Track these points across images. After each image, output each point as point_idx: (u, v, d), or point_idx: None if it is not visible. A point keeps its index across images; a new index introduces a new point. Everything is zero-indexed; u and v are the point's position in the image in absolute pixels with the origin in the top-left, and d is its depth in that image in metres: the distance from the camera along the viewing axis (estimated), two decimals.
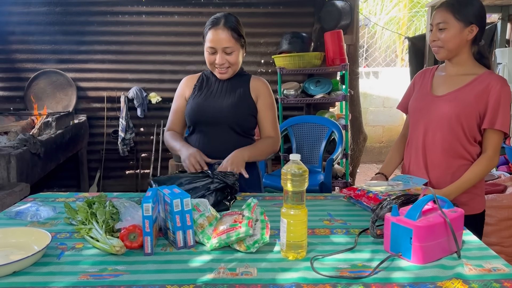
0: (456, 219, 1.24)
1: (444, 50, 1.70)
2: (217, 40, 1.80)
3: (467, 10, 1.66)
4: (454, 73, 1.75)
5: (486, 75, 1.69)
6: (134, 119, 4.34)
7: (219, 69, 1.87)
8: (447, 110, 1.70)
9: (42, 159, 3.10)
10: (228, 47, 1.81)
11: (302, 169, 1.20)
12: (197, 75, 2.01)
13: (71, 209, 1.47)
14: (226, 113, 1.88)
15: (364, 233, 1.39)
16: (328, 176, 3.25)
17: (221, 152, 1.85)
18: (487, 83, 1.66)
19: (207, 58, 1.87)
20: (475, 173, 1.67)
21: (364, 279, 1.09)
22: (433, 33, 1.71)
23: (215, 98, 1.91)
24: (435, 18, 1.70)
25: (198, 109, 1.90)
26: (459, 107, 1.68)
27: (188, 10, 4.24)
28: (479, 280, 1.09)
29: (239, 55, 1.87)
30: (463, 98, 1.68)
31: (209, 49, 1.83)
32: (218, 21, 1.81)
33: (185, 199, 1.25)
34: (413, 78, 1.93)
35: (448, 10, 1.67)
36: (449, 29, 1.66)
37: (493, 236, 2.38)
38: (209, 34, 1.82)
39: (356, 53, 4.40)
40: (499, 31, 3.73)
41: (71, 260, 1.20)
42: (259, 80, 1.98)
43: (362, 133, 4.46)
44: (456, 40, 1.67)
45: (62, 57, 4.28)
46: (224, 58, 1.83)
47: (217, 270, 1.14)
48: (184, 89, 1.99)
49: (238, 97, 1.91)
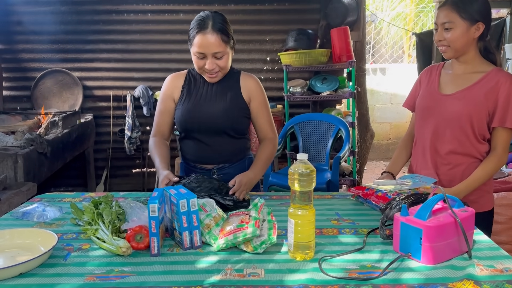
0: (467, 219, 1.22)
1: (451, 50, 1.67)
2: (206, 46, 1.69)
3: (472, 8, 1.62)
4: (462, 71, 1.72)
5: (494, 73, 1.66)
6: (140, 118, 4.34)
7: (209, 74, 1.77)
8: (457, 109, 1.67)
9: (49, 159, 3.10)
10: (218, 52, 1.70)
11: (309, 169, 1.18)
12: (183, 74, 1.89)
13: (78, 210, 1.47)
14: (219, 118, 1.80)
15: (373, 233, 1.37)
16: (335, 174, 3.22)
17: (215, 157, 1.83)
18: (496, 80, 1.64)
19: (195, 63, 1.76)
20: (484, 171, 1.65)
21: (373, 280, 1.08)
22: (439, 33, 1.67)
23: (206, 103, 1.82)
24: (439, 18, 1.66)
25: (189, 116, 1.82)
26: (469, 106, 1.65)
27: (194, 8, 4.22)
28: (491, 281, 1.07)
29: (229, 57, 1.78)
30: (472, 97, 1.66)
31: (197, 54, 1.72)
32: (205, 24, 1.69)
33: (191, 199, 1.24)
34: (419, 76, 1.90)
35: (453, 9, 1.63)
36: (455, 29, 1.63)
37: (503, 234, 2.35)
38: (197, 38, 1.69)
39: (363, 49, 4.37)
40: (508, 26, 3.67)
41: (78, 262, 1.20)
42: (249, 78, 1.88)
43: (369, 130, 4.43)
44: (463, 39, 1.64)
45: (68, 56, 4.29)
46: (214, 63, 1.72)
47: (224, 271, 1.13)
48: (171, 90, 1.87)
49: (230, 100, 1.82)
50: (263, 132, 1.90)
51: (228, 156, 1.87)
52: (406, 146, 1.91)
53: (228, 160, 1.86)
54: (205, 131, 1.83)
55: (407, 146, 1.91)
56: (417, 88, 1.88)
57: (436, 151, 1.73)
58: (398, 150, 1.93)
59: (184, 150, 1.94)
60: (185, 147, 1.92)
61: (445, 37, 1.65)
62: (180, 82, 1.88)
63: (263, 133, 1.90)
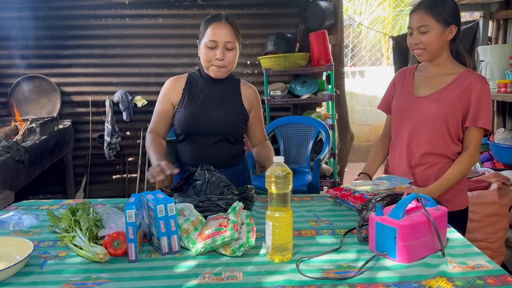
0: (440, 217, 1.25)
1: (427, 52, 1.70)
2: (220, 34, 1.74)
3: (445, 11, 1.66)
4: (435, 73, 1.76)
5: (466, 74, 1.71)
6: (120, 123, 4.30)
7: (217, 66, 1.77)
8: (433, 111, 1.71)
9: (27, 166, 3.05)
10: (230, 42, 1.75)
11: (286, 171, 1.20)
12: (183, 77, 1.91)
13: (55, 217, 1.45)
14: (220, 123, 1.83)
15: (350, 233, 1.39)
16: (315, 176, 3.26)
17: (213, 161, 1.81)
18: (468, 82, 1.68)
19: (204, 54, 1.78)
20: (457, 171, 1.69)
21: (349, 279, 1.10)
22: (414, 37, 1.70)
23: (208, 106, 1.84)
24: (414, 21, 1.69)
25: (192, 119, 1.83)
26: (444, 108, 1.69)
27: (172, 12, 4.21)
28: (463, 278, 1.10)
29: (237, 55, 1.82)
30: (447, 98, 1.70)
31: (209, 44, 1.75)
32: (219, 16, 1.78)
33: (169, 204, 1.24)
34: (393, 78, 1.94)
35: (428, 12, 1.66)
36: (431, 32, 1.66)
37: (478, 232, 2.40)
38: (210, 28, 1.75)
39: (341, 53, 4.42)
40: (481, 29, 3.76)
41: (54, 269, 1.18)
42: (250, 88, 1.94)
43: (349, 132, 4.48)
44: (438, 42, 1.68)
45: (45, 62, 4.22)
46: (224, 54, 1.76)
47: (202, 275, 1.13)
48: (170, 92, 1.88)
49: (231, 106, 1.86)
50: (259, 139, 1.98)
51: (225, 160, 1.88)
52: (381, 147, 1.95)
53: (224, 165, 1.86)
54: (206, 135, 1.85)
55: (382, 147, 1.95)
56: (391, 90, 1.92)
57: (412, 152, 1.77)
58: (373, 152, 1.96)
59: (181, 153, 1.94)
60: (182, 149, 1.92)
61: (421, 40, 1.68)
62: (181, 84, 1.89)
63: (260, 139, 1.98)
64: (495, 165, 3.20)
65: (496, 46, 3.64)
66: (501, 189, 2.49)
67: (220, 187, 1.61)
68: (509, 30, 3.68)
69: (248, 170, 2.03)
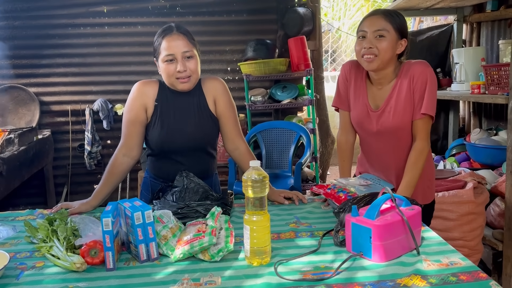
0: (414, 217, 1.28)
1: (378, 60, 1.63)
2: (175, 46, 1.69)
3: (400, 21, 1.64)
4: (380, 84, 1.74)
5: (405, 69, 1.68)
6: (101, 132, 4.26)
7: (181, 79, 1.71)
8: (391, 124, 1.71)
9: (5, 177, 3.00)
10: (187, 51, 1.69)
11: (262, 175, 1.21)
12: (155, 83, 1.82)
13: (32, 227, 1.44)
14: (196, 137, 1.80)
15: (328, 234, 1.41)
16: (297, 180, 3.28)
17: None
18: (410, 75, 1.65)
19: (165, 70, 1.71)
20: (411, 167, 1.68)
21: (326, 280, 1.11)
22: (368, 40, 1.63)
23: (182, 124, 1.78)
24: (371, 25, 1.63)
25: (166, 141, 1.78)
26: (400, 117, 1.69)
27: (152, 20, 4.21)
28: (436, 275, 1.12)
29: (198, 62, 1.75)
30: (399, 106, 1.68)
31: (166, 58, 1.69)
32: (169, 28, 1.73)
33: (146, 211, 1.24)
34: (343, 72, 1.85)
35: (386, 18, 1.63)
36: (387, 37, 1.62)
37: (455, 231, 2.45)
38: (164, 43, 1.70)
39: (320, 58, 4.47)
40: (456, 32, 3.86)
41: (31, 280, 1.17)
42: (211, 81, 1.85)
43: (330, 136, 4.53)
44: (391, 51, 1.63)
45: (23, 71, 4.17)
46: (185, 64, 1.69)
47: (181, 281, 1.13)
48: (143, 98, 1.78)
49: (200, 115, 1.81)
50: (232, 134, 1.86)
51: (199, 173, 1.76)
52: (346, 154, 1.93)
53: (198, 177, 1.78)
54: (181, 151, 1.81)
55: (345, 155, 1.93)
56: (345, 85, 1.86)
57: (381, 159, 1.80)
58: (340, 162, 1.94)
59: (152, 167, 1.90)
60: (154, 164, 1.88)
61: (376, 45, 1.62)
62: (153, 92, 1.80)
63: (233, 134, 1.86)
64: (472, 165, 3.27)
65: (470, 48, 3.73)
66: (476, 188, 2.54)
67: (199, 193, 1.61)
68: (482, 33, 3.78)
69: (218, 183, 2.00)
